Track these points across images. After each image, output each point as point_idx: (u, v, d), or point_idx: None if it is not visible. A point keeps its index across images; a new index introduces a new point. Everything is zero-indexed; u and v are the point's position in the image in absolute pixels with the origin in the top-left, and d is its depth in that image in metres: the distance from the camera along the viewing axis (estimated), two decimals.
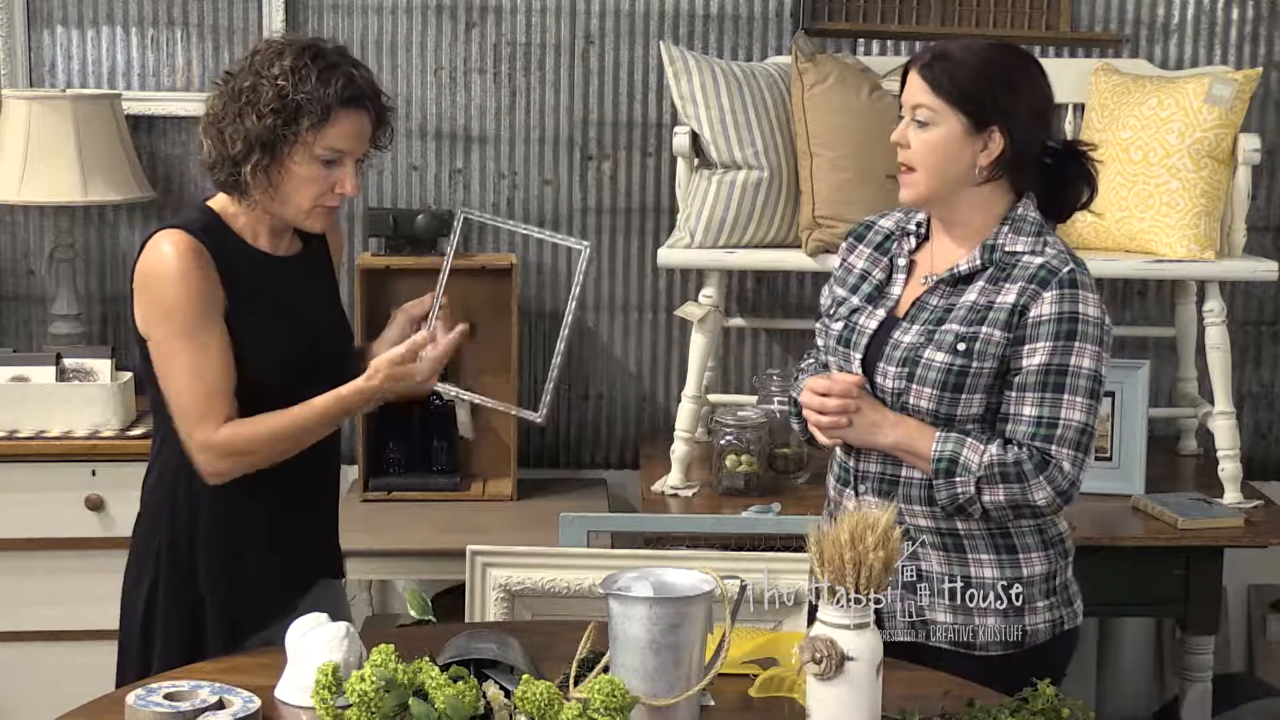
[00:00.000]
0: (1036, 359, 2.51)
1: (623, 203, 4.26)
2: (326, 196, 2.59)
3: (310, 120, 2.51)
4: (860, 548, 2.18)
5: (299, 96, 2.51)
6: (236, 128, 2.53)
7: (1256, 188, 4.07)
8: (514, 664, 2.40)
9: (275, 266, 2.67)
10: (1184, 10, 4.24)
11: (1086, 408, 2.51)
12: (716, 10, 4.20)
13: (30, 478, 3.71)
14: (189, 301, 2.53)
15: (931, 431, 2.54)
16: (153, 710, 2.23)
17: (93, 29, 4.14)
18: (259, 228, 2.65)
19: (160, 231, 2.58)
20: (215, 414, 2.55)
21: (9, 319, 4.21)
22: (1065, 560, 2.65)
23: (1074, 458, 2.50)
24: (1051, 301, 2.51)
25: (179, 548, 2.66)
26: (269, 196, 2.58)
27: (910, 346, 2.57)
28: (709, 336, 3.84)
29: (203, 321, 2.55)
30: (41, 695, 3.56)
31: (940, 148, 2.55)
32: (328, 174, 2.57)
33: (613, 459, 4.35)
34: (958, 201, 2.60)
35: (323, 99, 2.51)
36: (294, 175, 2.55)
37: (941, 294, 2.61)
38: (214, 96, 2.59)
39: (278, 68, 2.52)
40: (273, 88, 2.51)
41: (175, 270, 2.53)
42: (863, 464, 2.64)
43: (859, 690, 2.17)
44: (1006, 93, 2.54)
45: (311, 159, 2.55)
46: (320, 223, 2.64)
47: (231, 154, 2.54)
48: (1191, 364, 4.13)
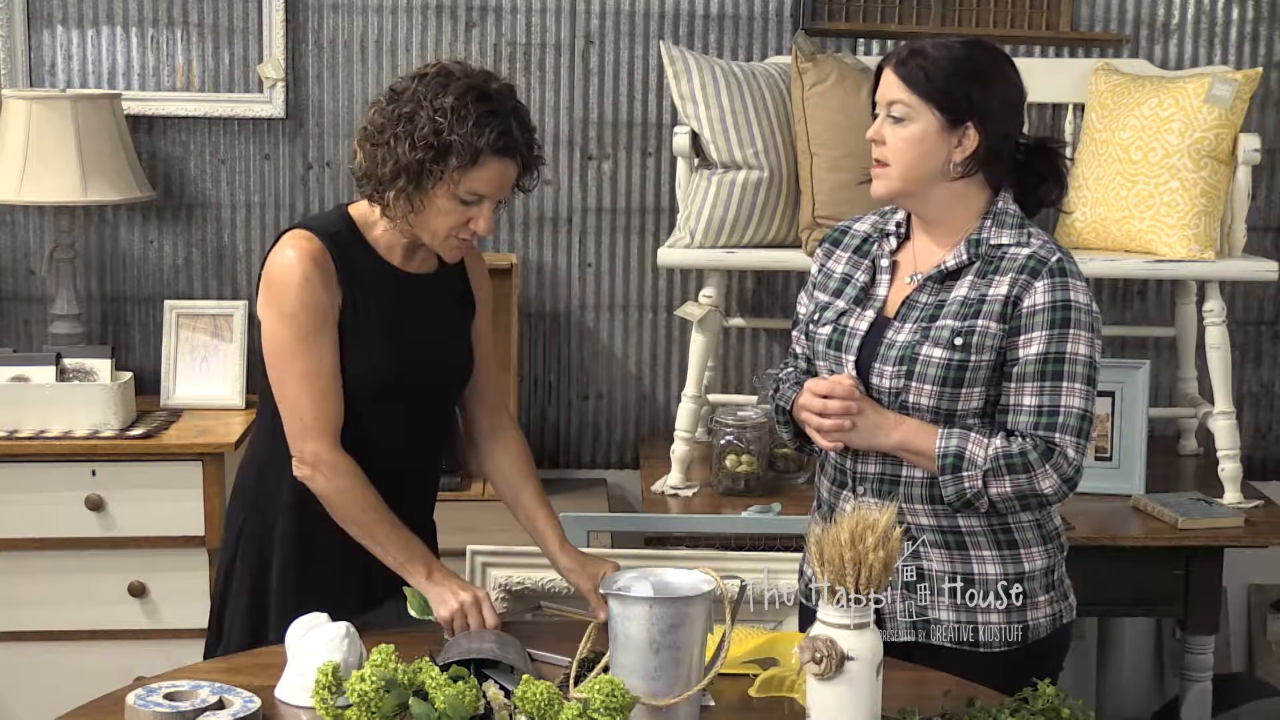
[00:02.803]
0: (1033, 349, 2.51)
1: (623, 203, 4.26)
2: (460, 230, 2.61)
3: (459, 161, 2.53)
4: (860, 548, 2.18)
5: (452, 138, 2.52)
6: (389, 151, 2.55)
7: (1256, 188, 4.08)
8: (514, 664, 2.41)
9: (400, 281, 2.68)
10: (1184, 10, 4.24)
11: (1085, 394, 2.52)
12: (716, 10, 4.20)
13: (30, 478, 3.71)
14: (306, 309, 2.58)
15: (933, 429, 2.54)
16: (153, 710, 2.23)
17: (93, 29, 4.14)
18: (394, 241, 2.67)
19: (291, 230, 2.64)
20: (329, 425, 2.60)
21: (9, 319, 4.21)
22: (1061, 554, 2.66)
23: (1077, 444, 2.51)
24: (1044, 290, 2.52)
25: (255, 534, 2.72)
26: (407, 221, 2.60)
27: (906, 345, 2.57)
28: (709, 336, 3.84)
29: (319, 330, 2.59)
30: (41, 695, 3.57)
31: (916, 143, 2.56)
32: (465, 210, 2.59)
33: (613, 459, 4.35)
34: (931, 197, 2.61)
35: (474, 144, 2.53)
36: (433, 207, 2.58)
37: (930, 291, 2.61)
38: (375, 111, 2.61)
39: (440, 102, 2.53)
40: (430, 123, 2.52)
41: (297, 276, 2.58)
42: (861, 465, 2.64)
43: (859, 690, 2.17)
44: (981, 89, 2.55)
45: (453, 196, 2.56)
46: (451, 253, 2.66)
47: (379, 174, 2.57)
48: (1191, 364, 4.13)
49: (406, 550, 2.61)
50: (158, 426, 3.80)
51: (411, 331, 2.67)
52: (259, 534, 2.71)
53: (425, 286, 2.71)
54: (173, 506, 3.71)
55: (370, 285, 2.64)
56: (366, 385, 2.64)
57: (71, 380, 3.82)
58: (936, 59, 2.56)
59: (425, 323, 2.70)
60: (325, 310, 2.59)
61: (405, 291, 2.68)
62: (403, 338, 2.66)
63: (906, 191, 2.60)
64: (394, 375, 2.65)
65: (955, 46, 2.61)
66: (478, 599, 2.58)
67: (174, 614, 3.72)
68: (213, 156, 4.19)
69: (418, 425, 2.73)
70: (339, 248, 2.62)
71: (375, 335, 2.64)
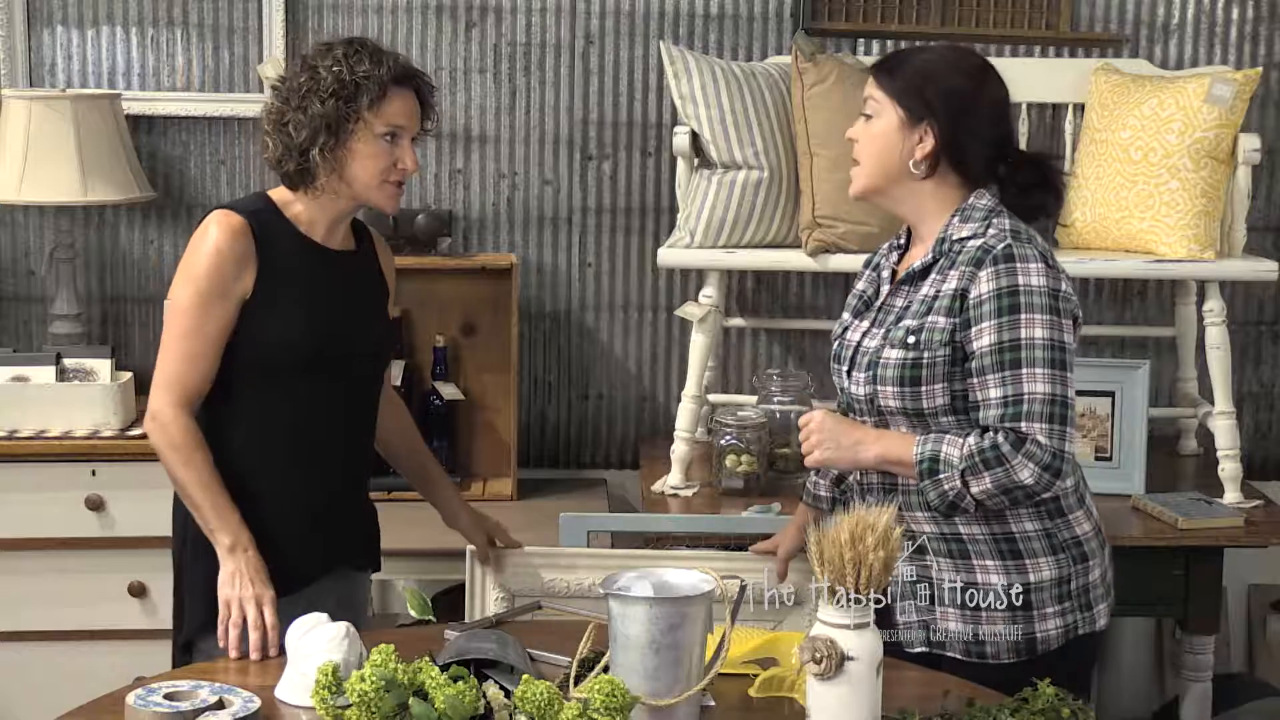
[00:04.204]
0: (985, 340, 2.50)
1: (623, 203, 4.26)
2: (390, 172, 2.72)
3: (369, 97, 2.66)
4: (860, 548, 2.18)
5: (356, 77, 2.66)
6: (299, 118, 2.67)
7: (1256, 188, 4.07)
8: (514, 664, 2.41)
9: (320, 255, 2.77)
10: (1184, 10, 4.24)
11: (1049, 377, 2.47)
12: (716, 10, 4.20)
13: (30, 478, 3.71)
14: (208, 277, 2.66)
15: (911, 438, 2.54)
16: (153, 710, 2.23)
17: (93, 29, 4.14)
18: (315, 219, 2.76)
19: (215, 210, 2.73)
20: (185, 388, 2.68)
21: (9, 319, 4.21)
22: (1084, 564, 2.62)
23: (1048, 430, 2.46)
24: (988, 279, 2.51)
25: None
26: (337, 177, 2.70)
27: (874, 350, 2.60)
28: (709, 336, 3.84)
29: (215, 299, 2.67)
30: (41, 695, 3.57)
31: (879, 138, 2.62)
32: (389, 150, 2.70)
33: (613, 459, 4.35)
34: (901, 196, 2.64)
35: (379, 78, 2.67)
36: (358, 154, 2.69)
37: (903, 294, 2.64)
38: (271, 100, 2.76)
39: (330, 58, 2.68)
40: (331, 74, 2.67)
41: (210, 246, 2.67)
42: (865, 475, 2.66)
43: (859, 690, 2.17)
44: (943, 91, 2.58)
45: (373, 137, 2.68)
46: (388, 201, 2.75)
47: (298, 143, 2.67)
48: (1191, 364, 4.13)
49: (220, 519, 2.64)
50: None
51: (331, 303, 2.75)
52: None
53: (345, 261, 2.81)
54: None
55: (291, 259, 2.72)
56: (288, 355, 2.70)
57: (71, 380, 3.82)
58: (905, 59, 2.64)
59: (345, 296, 2.79)
60: (228, 284, 2.67)
61: (326, 265, 2.77)
62: (323, 308, 2.74)
63: (875, 188, 2.65)
64: (314, 345, 2.72)
65: (929, 49, 2.69)
66: (259, 598, 2.59)
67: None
68: (213, 156, 4.19)
69: (341, 400, 2.78)
70: (260, 224, 2.71)
71: (295, 306, 2.71)
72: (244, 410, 2.72)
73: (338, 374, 2.75)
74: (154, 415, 2.68)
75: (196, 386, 2.68)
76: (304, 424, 2.73)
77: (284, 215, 2.75)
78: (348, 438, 2.82)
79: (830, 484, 2.85)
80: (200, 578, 2.71)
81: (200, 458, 2.65)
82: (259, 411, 2.72)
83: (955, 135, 2.58)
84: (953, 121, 2.58)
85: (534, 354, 4.29)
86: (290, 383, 2.71)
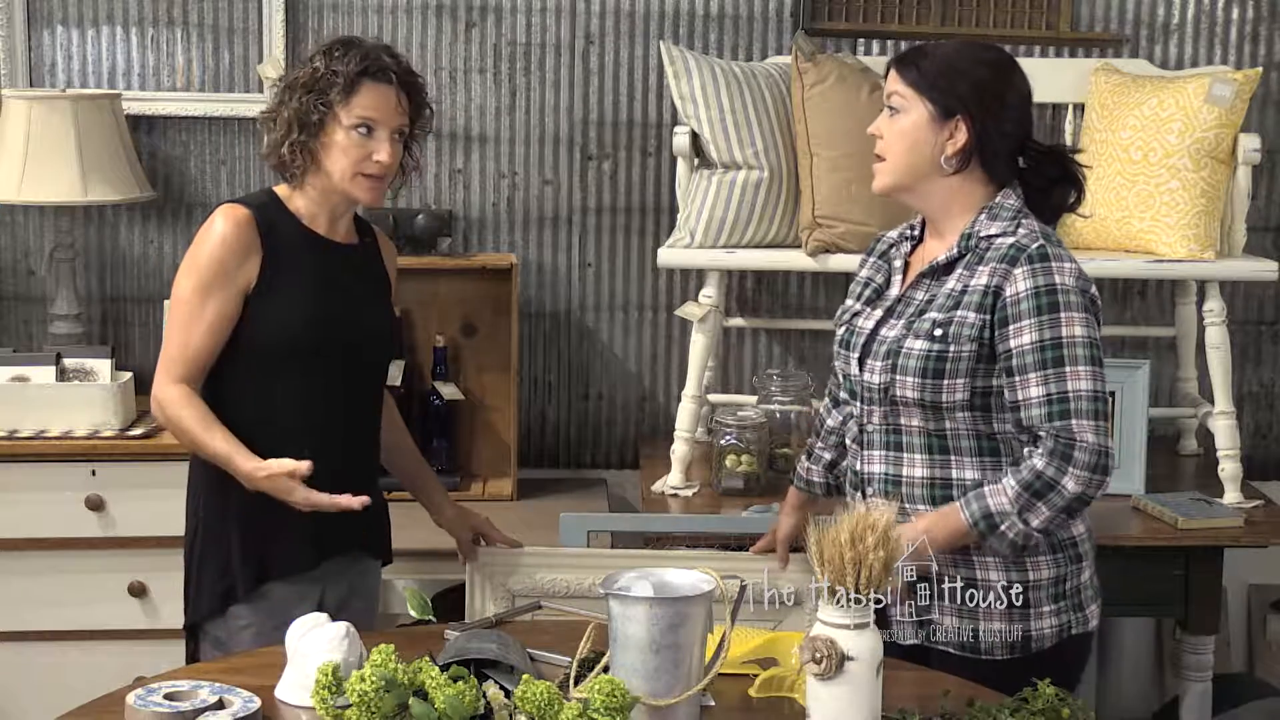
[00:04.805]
0: (1026, 338, 2.50)
1: (623, 203, 4.26)
2: (364, 164, 2.74)
3: (338, 93, 2.71)
4: (860, 548, 2.18)
5: (327, 73, 2.72)
6: (280, 113, 2.76)
7: (1256, 188, 4.07)
8: (514, 664, 2.40)
9: (323, 246, 2.81)
10: (1184, 10, 4.24)
11: (1091, 374, 2.49)
12: (716, 10, 4.20)
13: (30, 478, 3.71)
14: (211, 266, 2.71)
15: (949, 508, 2.54)
16: (153, 710, 2.23)
17: (93, 29, 4.14)
18: (315, 213, 2.81)
19: (222, 204, 2.79)
20: (185, 371, 2.73)
21: (9, 319, 4.21)
22: (1078, 564, 2.63)
23: (1095, 427, 2.48)
24: (1024, 278, 2.52)
25: (214, 483, 2.78)
26: (312, 171, 2.76)
27: (894, 340, 2.60)
28: (709, 336, 3.84)
29: (217, 286, 2.72)
30: (41, 695, 3.57)
31: (908, 134, 2.60)
32: (363, 143, 2.73)
33: (613, 459, 4.35)
34: (929, 191, 2.63)
35: (346, 72, 2.71)
36: (332, 148, 2.73)
37: (925, 287, 2.63)
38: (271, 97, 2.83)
39: (317, 54, 2.77)
40: (305, 72, 2.75)
41: (216, 236, 2.72)
42: (867, 467, 2.66)
43: (859, 690, 2.17)
44: (972, 84, 2.58)
45: (345, 130, 2.72)
46: (366, 193, 2.77)
47: (278, 136, 2.75)
48: (1191, 364, 4.13)
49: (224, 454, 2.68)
50: (158, 426, 3.79)
51: (334, 292, 2.80)
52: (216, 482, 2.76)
53: (348, 253, 2.86)
54: (173, 506, 3.65)
55: (294, 250, 2.77)
56: (291, 342, 2.74)
57: (71, 380, 3.82)
58: (932, 54, 2.62)
59: (347, 286, 2.83)
60: (231, 273, 2.72)
61: (329, 256, 2.82)
62: (325, 298, 2.78)
63: (902, 184, 2.63)
64: (317, 333, 2.76)
65: (955, 45, 2.66)
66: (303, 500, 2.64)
67: (174, 614, 3.69)
68: (213, 156, 4.19)
69: (344, 388, 2.81)
70: (265, 216, 2.77)
71: (298, 294, 2.75)
72: (248, 397, 2.76)
73: (340, 362, 2.79)
74: (155, 396, 2.74)
75: (197, 367, 2.73)
76: (307, 410, 2.77)
77: (287, 209, 2.80)
78: (349, 425, 2.84)
79: (823, 469, 2.88)
80: (211, 566, 2.77)
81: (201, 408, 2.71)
82: (263, 398, 2.75)
83: (986, 129, 2.58)
84: (984, 115, 2.58)
85: (534, 354, 4.29)
86: (293, 370, 2.75)
